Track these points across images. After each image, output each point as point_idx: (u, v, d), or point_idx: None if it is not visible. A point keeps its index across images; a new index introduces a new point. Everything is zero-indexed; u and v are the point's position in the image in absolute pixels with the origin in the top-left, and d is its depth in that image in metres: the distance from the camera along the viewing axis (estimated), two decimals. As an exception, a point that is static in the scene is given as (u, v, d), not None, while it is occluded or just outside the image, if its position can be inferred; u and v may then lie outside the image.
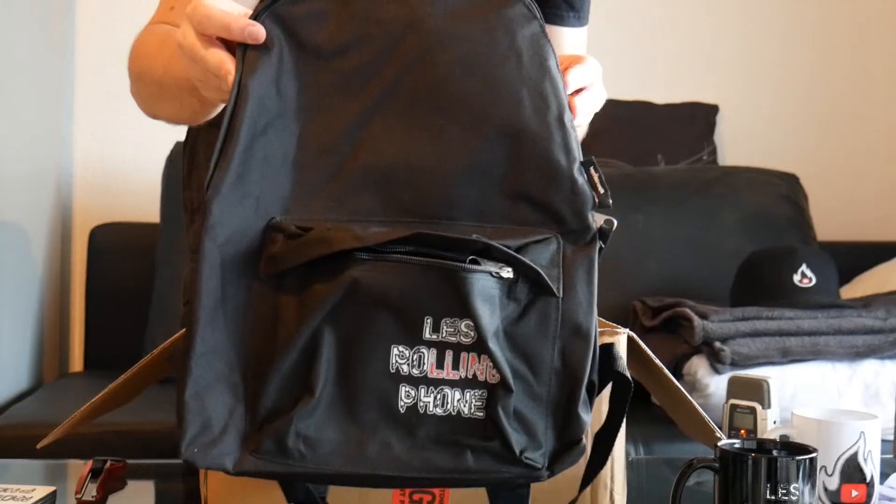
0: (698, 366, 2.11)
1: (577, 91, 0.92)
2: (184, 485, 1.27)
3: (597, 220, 0.86)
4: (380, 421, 0.81)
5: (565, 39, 1.37)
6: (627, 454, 1.14)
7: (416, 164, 0.85)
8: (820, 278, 2.25)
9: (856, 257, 2.74)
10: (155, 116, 1.22)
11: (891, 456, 1.41)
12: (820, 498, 1.12)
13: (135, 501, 1.23)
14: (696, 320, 2.12)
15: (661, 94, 2.99)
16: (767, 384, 1.41)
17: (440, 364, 0.81)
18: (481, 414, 0.81)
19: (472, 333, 0.81)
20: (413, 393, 0.81)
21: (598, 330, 0.85)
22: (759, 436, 1.35)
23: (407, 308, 0.81)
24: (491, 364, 0.81)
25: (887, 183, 3.11)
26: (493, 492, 0.87)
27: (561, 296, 0.83)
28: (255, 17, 0.85)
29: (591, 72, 0.94)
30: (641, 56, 3.03)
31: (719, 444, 1.03)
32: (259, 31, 0.84)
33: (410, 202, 0.85)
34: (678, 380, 2.07)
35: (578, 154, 0.86)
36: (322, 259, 0.81)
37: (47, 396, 2.34)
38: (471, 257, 0.81)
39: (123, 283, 2.65)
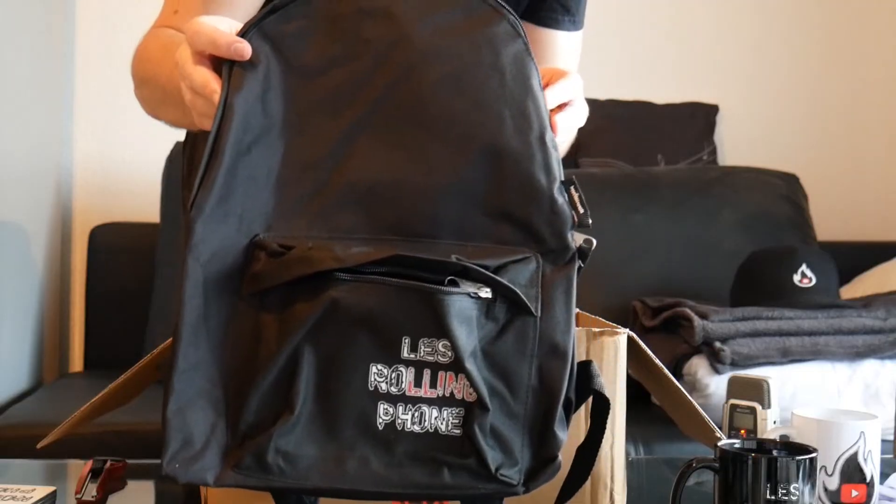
0: (698, 366, 2.11)
1: (560, 107, 0.93)
2: (184, 485, 1.27)
3: (577, 239, 0.87)
4: (358, 438, 0.82)
5: (559, 43, 1.37)
6: (627, 454, 1.14)
7: (400, 181, 0.86)
8: (820, 278, 2.25)
9: (856, 257, 2.74)
10: (158, 118, 1.22)
11: (891, 456, 1.41)
12: (820, 498, 1.12)
13: (135, 501, 1.23)
14: (696, 320, 2.12)
15: (661, 94, 2.99)
16: (767, 384, 1.41)
17: (418, 382, 0.82)
18: (458, 431, 0.82)
19: (449, 353, 0.82)
20: (391, 410, 0.82)
21: (576, 347, 0.86)
22: (759, 436, 1.35)
23: (385, 328, 0.82)
24: (468, 383, 0.82)
25: (887, 183, 3.11)
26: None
27: (539, 315, 0.84)
28: (243, 34, 0.86)
29: (572, 88, 0.95)
30: (641, 56, 3.04)
31: (719, 444, 1.03)
32: (245, 48, 0.84)
33: (393, 219, 0.86)
34: (678, 380, 2.07)
35: (559, 174, 0.86)
36: (303, 278, 0.82)
37: (47, 396, 2.35)
38: (449, 278, 0.82)
39: (123, 283, 2.65)
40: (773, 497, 0.98)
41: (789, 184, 2.75)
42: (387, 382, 0.82)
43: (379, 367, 0.82)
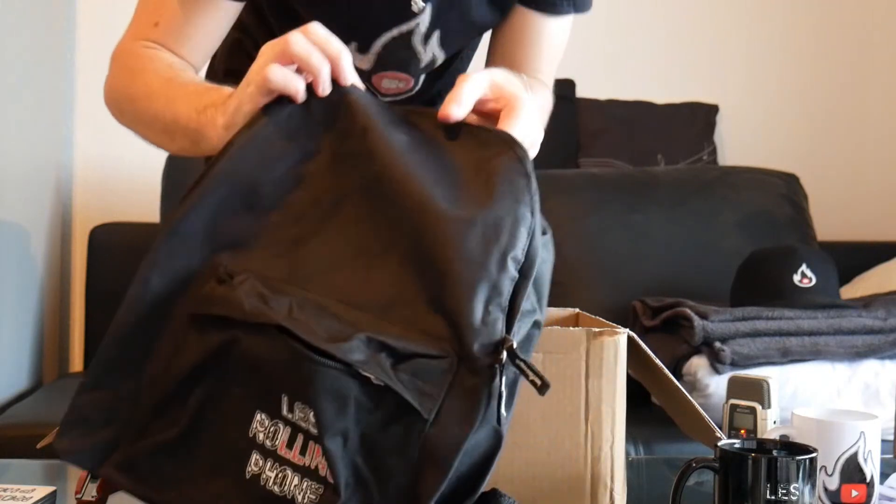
0: (698, 366, 2.11)
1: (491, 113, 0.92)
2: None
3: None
4: (226, 477, 0.81)
5: (552, 28, 1.30)
6: (627, 454, 1.14)
7: (359, 278, 0.85)
8: (820, 278, 2.25)
9: (856, 257, 2.74)
10: (128, 128, 1.20)
11: (891, 456, 1.41)
12: (820, 498, 1.12)
13: (135, 501, 1.22)
14: (696, 320, 2.12)
15: (661, 94, 2.99)
16: (767, 384, 1.41)
17: (290, 444, 0.80)
18: None
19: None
20: (261, 463, 0.80)
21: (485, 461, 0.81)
22: (759, 436, 1.35)
23: (270, 380, 0.80)
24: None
25: (887, 183, 3.11)
26: None
27: (432, 418, 0.78)
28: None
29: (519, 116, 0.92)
30: (641, 56, 3.04)
31: (719, 444, 1.03)
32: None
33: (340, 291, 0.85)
34: (678, 380, 2.07)
35: (507, 293, 0.81)
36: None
37: (47, 396, 2.35)
38: (322, 349, 0.78)
39: (123, 283, 2.61)
40: (773, 497, 0.98)
41: (789, 184, 2.76)
42: (265, 434, 0.80)
43: (262, 416, 0.80)
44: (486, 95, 0.92)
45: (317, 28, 0.89)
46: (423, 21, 1.21)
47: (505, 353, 0.79)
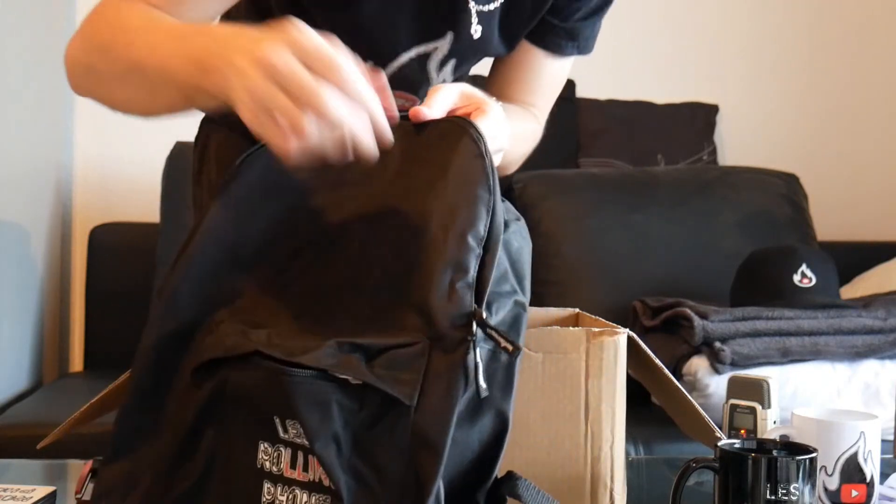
0: (698, 366, 2.11)
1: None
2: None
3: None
4: None
5: (555, 67, 1.35)
6: (627, 454, 1.14)
7: (335, 286, 0.87)
8: (820, 278, 2.25)
9: (856, 257, 2.74)
10: (93, 96, 1.10)
11: (891, 456, 1.41)
12: (820, 498, 1.12)
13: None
14: (696, 320, 2.12)
15: (661, 94, 2.99)
16: (767, 384, 1.41)
17: (293, 464, 0.81)
18: None
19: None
20: (272, 490, 0.82)
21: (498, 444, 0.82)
22: (759, 436, 1.35)
23: (262, 406, 0.82)
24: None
25: (887, 183, 3.11)
26: None
27: (415, 403, 0.78)
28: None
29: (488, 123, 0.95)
30: (641, 56, 3.04)
31: (719, 444, 1.03)
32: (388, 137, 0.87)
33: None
34: (678, 380, 2.07)
35: (473, 270, 0.82)
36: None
37: (47, 396, 2.35)
38: (295, 361, 0.80)
39: (123, 283, 2.65)
40: (773, 497, 0.98)
41: (789, 184, 2.76)
42: (270, 461, 0.82)
43: (265, 445, 0.82)
44: (456, 105, 0.97)
45: (346, 124, 0.83)
46: (443, 47, 1.23)
47: (475, 325, 0.80)
